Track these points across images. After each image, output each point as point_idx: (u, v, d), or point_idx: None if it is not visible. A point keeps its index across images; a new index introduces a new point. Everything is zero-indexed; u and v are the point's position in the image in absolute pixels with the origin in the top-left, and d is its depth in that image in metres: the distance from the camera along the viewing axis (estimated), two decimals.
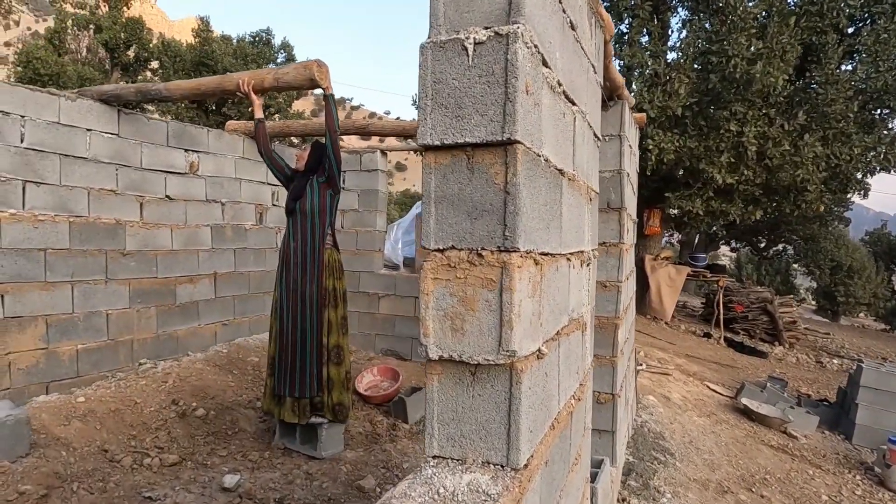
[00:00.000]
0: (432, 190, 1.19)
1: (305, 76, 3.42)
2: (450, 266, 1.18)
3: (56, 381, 3.79)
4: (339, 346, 3.48)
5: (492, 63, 1.10)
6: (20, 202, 3.60)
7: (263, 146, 3.65)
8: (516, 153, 1.13)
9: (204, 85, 3.92)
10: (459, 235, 1.16)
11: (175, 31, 25.78)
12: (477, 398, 1.19)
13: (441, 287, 1.18)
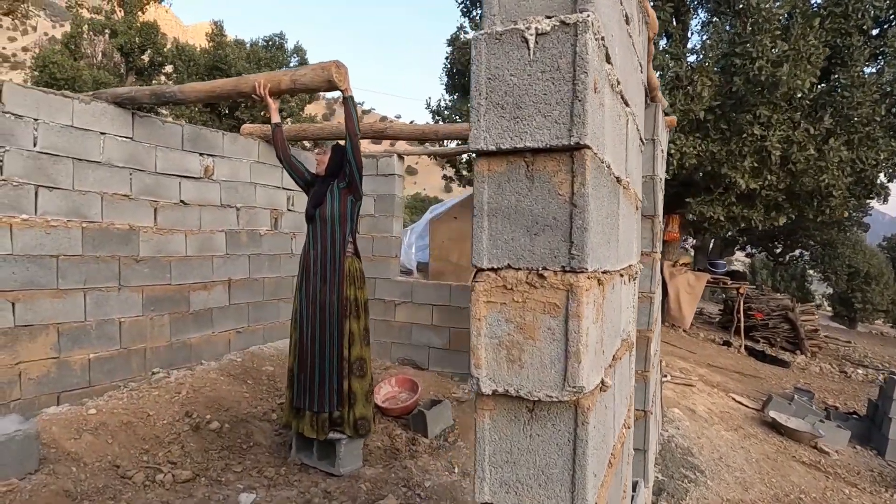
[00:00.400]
0: (485, 201, 1.05)
1: (323, 78, 3.30)
2: (506, 288, 1.04)
3: (67, 391, 3.69)
4: (362, 359, 3.35)
5: (557, 56, 0.97)
6: (33, 207, 3.51)
7: (282, 151, 3.54)
8: (584, 160, 0.99)
9: (219, 87, 3.82)
10: (517, 253, 1.02)
11: (189, 36, 26.02)
12: (535, 438, 1.04)
13: (495, 312, 1.04)
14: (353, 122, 3.30)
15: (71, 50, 19.81)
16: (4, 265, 3.36)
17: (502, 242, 1.04)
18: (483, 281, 1.06)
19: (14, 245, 3.41)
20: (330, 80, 3.29)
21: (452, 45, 10.24)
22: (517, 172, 1.03)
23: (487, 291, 1.05)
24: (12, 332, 3.40)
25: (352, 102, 3.33)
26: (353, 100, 3.34)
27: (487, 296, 1.05)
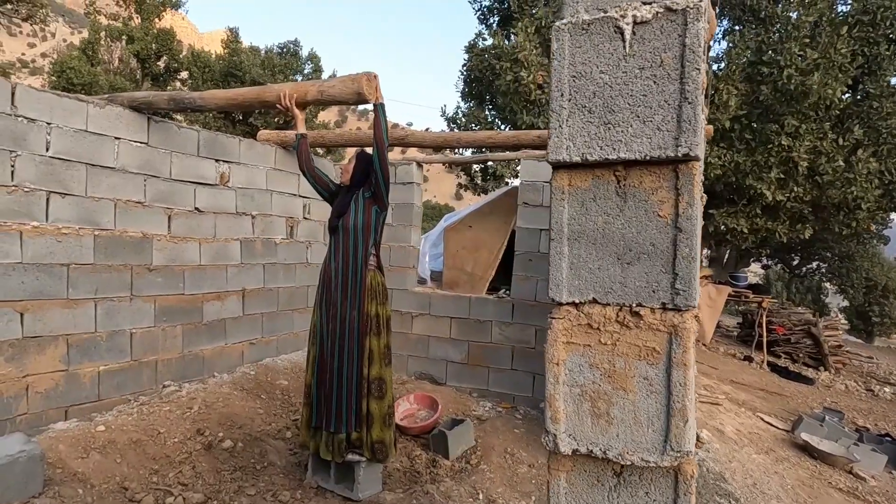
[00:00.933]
0: (565, 222, 0.88)
1: (352, 90, 3.15)
2: (590, 327, 0.87)
3: (76, 406, 3.55)
4: (381, 378, 3.18)
5: (660, 50, 0.80)
6: (44, 214, 3.39)
7: (306, 163, 3.39)
8: (692, 175, 0.82)
9: (241, 96, 3.68)
10: (604, 286, 0.86)
11: (204, 43, 26.05)
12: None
13: (577, 355, 0.87)
14: (381, 130, 3.15)
15: (88, 56, 19.96)
16: (14, 274, 3.23)
17: (586, 272, 0.87)
18: (562, 318, 0.89)
19: (24, 253, 3.28)
20: (360, 92, 3.14)
21: (470, 52, 10.12)
22: (605, 189, 0.86)
23: (568, 331, 0.88)
24: (20, 343, 3.27)
25: (382, 110, 3.18)
26: (383, 108, 3.19)
27: (568, 336, 0.88)
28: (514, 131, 4.90)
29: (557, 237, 0.88)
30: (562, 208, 0.87)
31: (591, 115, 0.85)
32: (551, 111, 0.86)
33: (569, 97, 0.85)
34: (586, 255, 0.87)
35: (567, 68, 0.86)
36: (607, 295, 0.85)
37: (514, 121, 8.31)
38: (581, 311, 0.86)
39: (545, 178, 5.03)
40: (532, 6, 8.50)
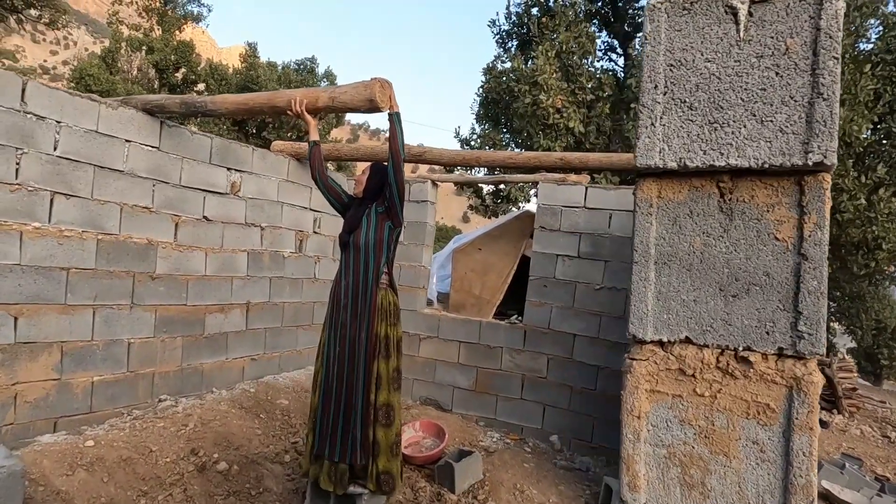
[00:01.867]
0: (652, 242, 0.74)
1: (364, 97, 3.03)
2: (682, 373, 0.71)
3: (66, 417, 3.38)
4: (389, 405, 2.99)
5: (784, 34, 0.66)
6: (46, 215, 3.27)
7: (319, 171, 3.26)
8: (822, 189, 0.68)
9: (252, 101, 3.59)
10: (702, 322, 0.70)
11: (222, 57, 26.50)
12: None
13: (664, 407, 0.71)
14: (397, 141, 3.01)
15: (108, 64, 20.19)
16: (10, 276, 3.09)
17: (678, 305, 0.72)
18: (645, 359, 0.74)
19: (23, 255, 3.15)
20: (371, 99, 3.02)
21: (488, 75, 10.09)
22: (705, 203, 0.72)
23: (653, 376, 0.72)
24: (11, 349, 3.12)
25: (397, 119, 3.04)
26: (399, 117, 3.06)
27: (652, 382, 0.73)
28: (535, 152, 4.77)
29: (641, 260, 0.72)
30: (648, 224, 0.72)
31: (693, 113, 0.70)
32: (641, 106, 0.72)
33: (664, 90, 0.71)
34: (678, 284, 0.71)
35: (663, 55, 0.71)
36: (705, 334, 0.69)
37: (531, 144, 8.21)
38: (670, 353, 0.70)
39: (563, 202, 4.89)
40: (553, 31, 8.46)
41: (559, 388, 4.82)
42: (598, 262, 4.76)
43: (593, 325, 4.73)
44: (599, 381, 4.68)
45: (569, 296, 4.85)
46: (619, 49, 10.53)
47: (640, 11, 10.21)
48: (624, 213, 4.68)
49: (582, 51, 8.18)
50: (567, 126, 7.63)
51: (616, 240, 4.69)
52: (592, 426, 4.68)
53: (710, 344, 0.67)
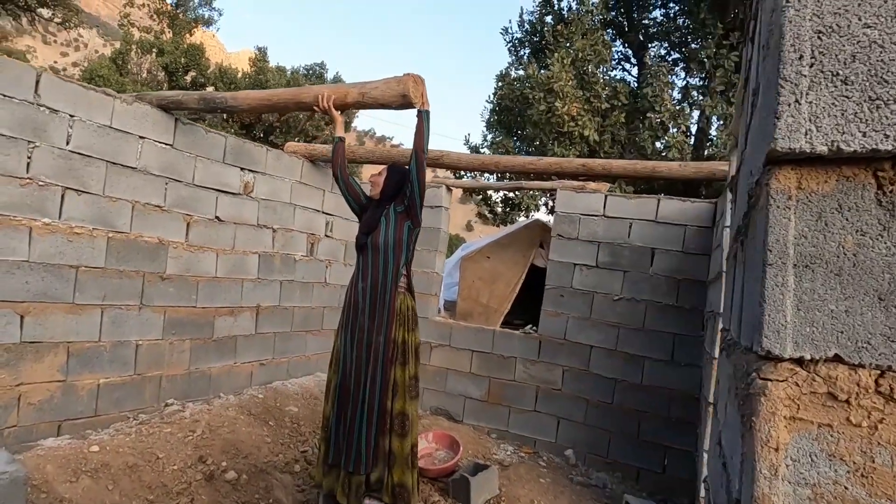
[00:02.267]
0: (790, 241, 0.61)
1: (397, 92, 2.94)
2: (832, 398, 0.59)
3: (70, 420, 3.26)
4: (405, 414, 2.87)
5: None
6: (57, 211, 3.17)
7: (341, 168, 3.17)
8: None
9: (276, 97, 3.50)
10: (855, 337, 0.58)
11: (231, 61, 26.60)
12: None
13: (807, 439, 0.59)
14: (422, 139, 2.92)
15: (118, 65, 20.23)
16: (18, 273, 2.99)
17: (824, 316, 0.59)
18: (783, 380, 0.61)
19: (31, 252, 3.05)
20: (405, 94, 2.93)
21: (501, 81, 10.03)
22: (858, 195, 0.59)
23: (793, 400, 0.60)
24: (16, 348, 3.01)
25: (426, 118, 2.96)
26: (428, 115, 2.97)
27: (792, 408, 0.60)
28: (556, 158, 4.67)
29: (777, 262, 0.60)
30: (786, 220, 0.60)
31: (849, 88, 0.58)
32: (781, 80, 0.60)
33: (810, 61, 0.59)
34: (824, 291, 0.59)
35: (809, 20, 0.59)
36: (860, 352, 0.57)
37: (544, 152, 8.11)
38: (815, 373, 0.57)
39: (581, 210, 4.78)
40: (567, 39, 8.40)
41: (574, 401, 4.69)
42: (617, 273, 4.64)
43: (611, 336, 4.61)
44: (616, 394, 4.55)
45: (586, 306, 4.73)
46: (632, 59, 10.47)
47: (654, 21, 10.16)
48: (644, 223, 4.58)
49: (598, 59, 8.11)
50: (582, 134, 7.54)
51: (636, 250, 4.58)
52: (608, 441, 4.55)
53: (866, 363, 0.58)
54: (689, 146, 7.92)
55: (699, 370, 4.22)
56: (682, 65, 9.31)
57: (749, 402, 0.63)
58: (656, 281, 4.49)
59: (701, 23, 8.17)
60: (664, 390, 4.38)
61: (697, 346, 4.28)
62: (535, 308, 8.98)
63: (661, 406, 4.39)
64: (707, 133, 8.53)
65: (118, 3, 29.03)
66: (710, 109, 7.66)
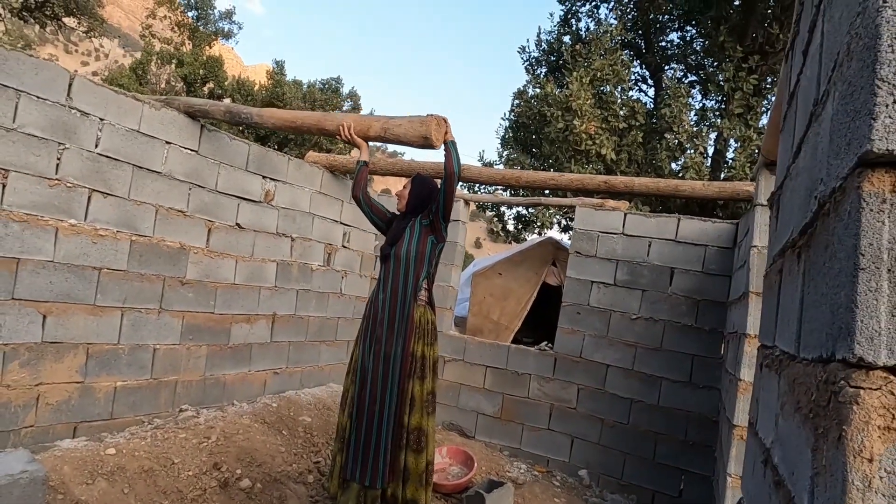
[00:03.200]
0: (884, 246, 0.60)
1: (419, 133, 2.94)
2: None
3: (86, 422, 3.26)
4: (421, 429, 2.83)
5: None
6: (83, 213, 3.20)
7: (362, 192, 3.19)
8: None
9: (301, 119, 3.52)
10: None
11: (248, 74, 26.99)
12: None
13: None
14: (452, 163, 2.94)
15: (138, 75, 20.55)
16: (42, 272, 3.01)
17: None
18: (877, 388, 0.59)
19: (57, 252, 3.07)
20: (427, 136, 2.93)
21: (519, 99, 10.08)
22: None
23: (888, 410, 0.58)
24: (38, 347, 3.02)
25: (453, 147, 2.99)
26: (454, 144, 3.00)
27: (887, 417, 0.58)
28: (578, 174, 4.66)
29: (871, 266, 0.58)
30: (879, 224, 0.58)
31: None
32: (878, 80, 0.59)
33: None
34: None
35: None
36: None
37: (560, 169, 8.12)
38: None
39: (600, 227, 4.77)
40: (586, 58, 8.46)
41: (589, 421, 4.63)
42: (636, 291, 4.60)
43: (628, 356, 4.56)
44: (632, 415, 4.49)
45: (603, 324, 4.69)
46: (650, 80, 10.51)
47: (672, 43, 10.21)
48: (663, 242, 4.55)
49: (616, 79, 8.15)
50: (599, 153, 7.55)
51: (655, 269, 4.55)
52: (623, 462, 4.48)
53: None
54: (705, 167, 7.90)
55: (718, 393, 4.16)
56: (699, 87, 9.34)
57: (836, 411, 0.61)
58: (675, 301, 4.45)
59: (720, 46, 8.20)
60: (681, 412, 4.32)
61: (717, 368, 4.22)
62: (545, 326, 8.92)
63: (677, 428, 4.32)
64: (724, 155, 8.52)
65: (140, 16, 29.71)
66: (728, 131, 7.65)
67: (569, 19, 10.58)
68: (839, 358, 0.63)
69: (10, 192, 2.85)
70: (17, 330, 2.91)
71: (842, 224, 0.67)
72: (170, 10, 22.07)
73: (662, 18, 9.90)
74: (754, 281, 2.79)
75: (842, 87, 0.74)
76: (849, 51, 0.71)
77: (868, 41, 0.62)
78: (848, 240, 0.64)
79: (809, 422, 0.75)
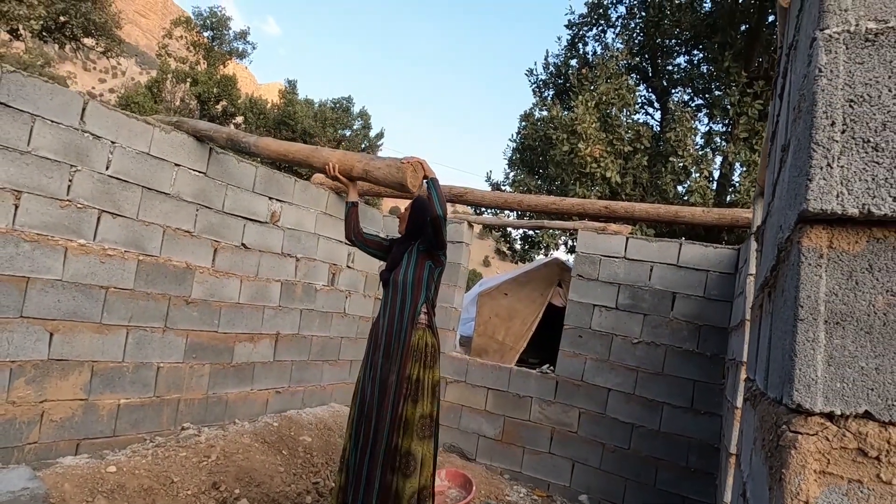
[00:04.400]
0: (821, 299, 0.64)
1: (396, 179, 2.94)
2: (862, 454, 0.61)
3: (89, 440, 3.30)
4: (410, 453, 2.82)
5: None
6: (92, 233, 3.28)
7: (354, 233, 3.24)
8: None
9: (292, 153, 3.59)
10: (886, 396, 0.60)
11: (261, 93, 27.45)
12: None
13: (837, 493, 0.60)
14: (436, 208, 2.95)
15: (153, 93, 20.94)
16: (51, 291, 3.08)
17: (854, 373, 0.61)
18: (814, 434, 0.62)
19: (65, 271, 3.14)
20: (402, 183, 2.94)
21: (525, 121, 10.19)
22: (889, 257, 0.62)
23: (823, 455, 0.61)
24: (44, 365, 3.08)
25: (432, 186, 2.99)
26: (433, 183, 3.01)
27: (822, 462, 0.61)
28: (579, 199, 4.71)
29: (808, 317, 0.62)
30: (817, 278, 0.62)
31: (879, 154, 0.61)
32: (814, 144, 0.63)
33: (842, 127, 0.62)
34: (855, 349, 0.61)
35: (841, 90, 0.63)
36: (891, 410, 0.59)
37: (565, 192, 8.18)
38: (845, 429, 0.59)
39: (602, 251, 4.79)
40: (591, 82, 8.56)
41: (590, 445, 4.61)
42: (637, 315, 4.61)
43: (629, 380, 4.55)
44: (633, 440, 4.47)
45: (604, 348, 4.69)
46: (656, 103, 10.59)
47: (678, 67, 10.30)
48: (665, 267, 4.57)
49: (621, 102, 8.23)
50: (604, 175, 7.60)
51: (656, 293, 4.56)
52: (624, 488, 4.45)
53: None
54: (711, 191, 7.93)
55: (719, 419, 4.14)
56: (705, 111, 9.40)
57: (779, 454, 0.65)
58: (677, 325, 4.46)
59: (725, 71, 8.27)
60: (683, 438, 4.29)
61: (718, 394, 4.21)
62: (550, 347, 8.89)
63: (679, 455, 4.29)
64: (730, 179, 8.54)
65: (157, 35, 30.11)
66: (734, 156, 7.69)
67: (576, 43, 10.72)
68: (784, 402, 0.67)
69: (23, 213, 2.93)
70: (24, 347, 2.97)
71: (789, 274, 0.71)
72: (186, 31, 22.54)
73: (669, 43, 10.01)
74: (748, 309, 2.80)
75: (794, 143, 0.78)
76: (799, 109, 0.76)
77: (809, 105, 0.67)
78: (791, 290, 0.67)
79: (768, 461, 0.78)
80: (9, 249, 2.88)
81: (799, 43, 0.91)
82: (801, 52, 0.81)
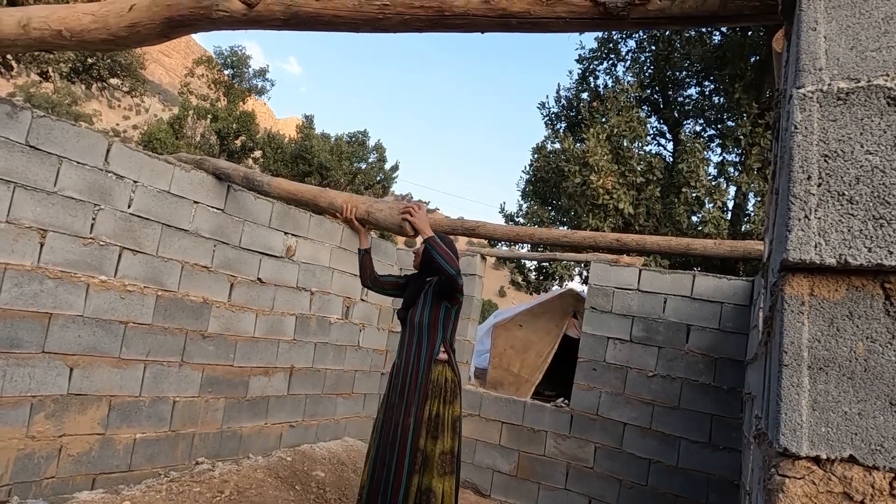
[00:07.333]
0: (804, 345, 0.66)
1: (395, 222, 2.95)
2: (846, 497, 0.62)
3: (105, 474, 3.33)
4: (431, 490, 2.81)
5: None
6: (113, 269, 3.37)
7: (370, 280, 3.28)
8: None
9: (301, 193, 3.66)
10: (869, 440, 0.62)
11: (279, 127, 28.20)
12: None
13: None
14: (438, 263, 2.79)
15: (175, 129, 21.52)
16: (72, 327, 3.16)
17: (838, 418, 0.63)
18: (800, 477, 0.64)
19: (87, 307, 3.23)
20: (401, 226, 2.98)
21: (538, 154, 10.30)
22: (867, 305, 0.64)
23: (810, 498, 0.63)
24: (63, 399, 3.13)
25: (430, 245, 2.80)
26: (433, 242, 2.80)
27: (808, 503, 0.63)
28: (591, 232, 4.74)
29: (792, 363, 0.65)
30: (799, 325, 0.65)
31: (854, 207, 0.64)
32: (792, 196, 0.67)
33: (818, 181, 0.65)
34: (838, 394, 0.63)
35: (816, 146, 0.67)
36: (874, 454, 0.60)
37: (578, 223, 8.21)
38: (831, 473, 0.61)
39: (615, 283, 4.79)
40: (603, 115, 8.66)
41: (607, 481, 4.53)
42: (652, 348, 4.58)
43: (645, 414, 4.49)
44: (651, 476, 4.38)
45: (619, 381, 4.65)
46: (668, 134, 10.66)
47: (689, 98, 10.40)
48: (679, 299, 4.55)
49: (633, 134, 8.31)
50: (616, 207, 7.63)
51: (671, 325, 4.53)
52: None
53: (880, 466, 0.60)
54: (725, 221, 7.91)
55: (738, 454, 4.06)
56: (717, 141, 9.44)
57: (769, 497, 0.66)
58: (692, 358, 4.41)
59: (736, 102, 8.34)
60: (701, 474, 4.21)
61: (736, 429, 4.13)
62: (566, 379, 8.80)
63: (698, 491, 4.20)
64: (744, 209, 8.52)
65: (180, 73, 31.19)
66: (747, 186, 7.68)
67: (587, 77, 10.89)
68: (773, 445, 0.69)
69: (47, 251, 3.03)
70: (44, 382, 3.03)
71: (776, 319, 0.73)
72: (208, 69, 23.27)
73: (679, 75, 10.13)
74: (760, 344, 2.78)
75: (780, 191, 0.81)
76: (782, 160, 0.79)
77: (788, 158, 0.70)
78: (777, 336, 0.70)
79: (767, 501, 0.79)
80: (34, 286, 2.97)
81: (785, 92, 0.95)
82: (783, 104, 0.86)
